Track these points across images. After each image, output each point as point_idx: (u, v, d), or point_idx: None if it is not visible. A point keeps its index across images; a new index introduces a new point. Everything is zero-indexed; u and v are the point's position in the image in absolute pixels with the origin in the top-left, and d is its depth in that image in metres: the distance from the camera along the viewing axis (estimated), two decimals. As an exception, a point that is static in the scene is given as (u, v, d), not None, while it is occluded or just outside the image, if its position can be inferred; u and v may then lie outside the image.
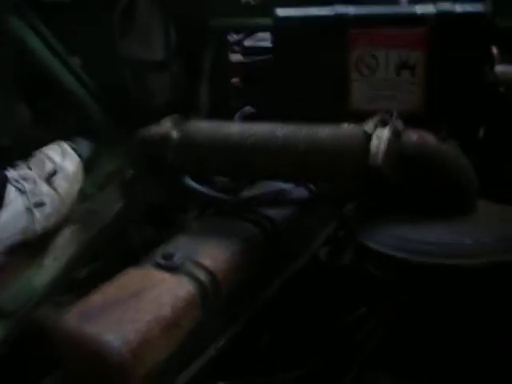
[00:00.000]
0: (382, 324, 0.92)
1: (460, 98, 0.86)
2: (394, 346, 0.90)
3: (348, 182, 0.86)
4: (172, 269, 0.83)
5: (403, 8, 0.89)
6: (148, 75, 1.25)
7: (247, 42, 1.30)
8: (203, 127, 0.96)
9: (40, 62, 1.22)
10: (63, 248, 1.09)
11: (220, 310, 0.85)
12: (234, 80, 1.29)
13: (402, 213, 0.84)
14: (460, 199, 0.82)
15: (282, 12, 0.93)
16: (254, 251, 0.92)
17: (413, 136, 0.82)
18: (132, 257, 1.08)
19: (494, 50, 0.88)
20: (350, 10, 0.89)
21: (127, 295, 0.78)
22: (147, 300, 0.77)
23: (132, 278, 0.83)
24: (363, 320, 0.96)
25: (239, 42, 1.34)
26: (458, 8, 0.84)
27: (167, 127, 0.98)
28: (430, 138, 0.81)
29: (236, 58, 1.32)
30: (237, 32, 1.25)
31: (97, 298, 0.79)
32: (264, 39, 1.31)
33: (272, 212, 1.00)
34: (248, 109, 1.11)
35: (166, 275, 0.82)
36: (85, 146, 1.17)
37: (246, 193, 1.04)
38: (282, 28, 0.93)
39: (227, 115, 1.19)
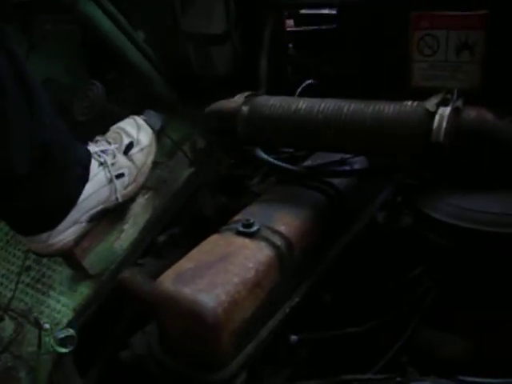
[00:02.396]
0: (435, 286, 1.00)
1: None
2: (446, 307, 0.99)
3: (410, 156, 0.93)
4: (251, 235, 0.92)
5: (464, -10, 0.94)
6: (209, 48, 1.32)
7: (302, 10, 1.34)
8: (272, 102, 1.03)
9: (107, 37, 1.30)
10: (140, 214, 1.20)
11: (293, 271, 0.95)
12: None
13: (460, 185, 0.91)
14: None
15: (346, -6, 0.99)
16: (321, 217, 1.01)
17: (472, 113, 0.88)
18: (205, 222, 1.19)
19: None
20: (413, -8, 0.95)
21: (216, 260, 0.87)
22: (234, 264, 0.86)
23: (217, 244, 0.92)
24: (418, 281, 1.04)
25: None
26: (517, -10, 0.89)
27: (238, 102, 1.06)
28: (488, 115, 0.88)
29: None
30: (302, 8, 1.29)
31: (189, 262, 0.88)
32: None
33: (335, 180, 1.08)
34: (309, 82, 1.17)
35: (247, 241, 0.91)
36: (156, 118, 1.25)
37: (309, 162, 1.12)
38: (348, 7, 0.98)
39: (286, 86, 1.25)
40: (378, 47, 0.99)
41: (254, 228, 0.93)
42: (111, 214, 1.17)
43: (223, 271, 0.86)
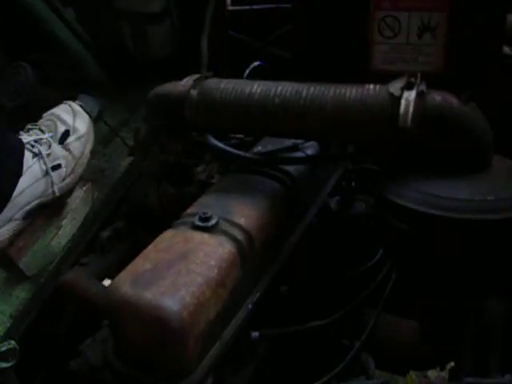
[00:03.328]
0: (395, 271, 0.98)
1: (480, 58, 0.90)
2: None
3: (373, 141, 0.89)
4: (210, 229, 0.86)
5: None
6: (146, 28, 1.24)
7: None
8: (223, 86, 0.96)
9: (34, 14, 1.19)
10: (79, 208, 1.11)
11: (254, 265, 0.90)
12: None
13: (425, 170, 0.89)
14: (479, 157, 0.88)
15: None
16: (277, 206, 0.97)
17: (437, 97, 0.85)
18: (150, 214, 1.11)
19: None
20: (374, -30, 0.91)
21: (175, 258, 0.81)
22: (195, 262, 0.80)
23: (174, 240, 0.85)
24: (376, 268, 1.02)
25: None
26: (479, -30, 0.87)
27: (186, 85, 0.99)
28: (453, 100, 0.86)
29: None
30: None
31: (145, 262, 0.81)
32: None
33: (290, 167, 1.04)
34: (256, 64, 1.11)
35: (206, 236, 0.85)
36: (92, 103, 1.16)
37: (260, 148, 1.07)
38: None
39: (228, 67, 1.19)
40: (335, 28, 0.95)
41: (212, 221, 0.87)
42: (48, 209, 1.07)
43: (185, 271, 0.79)
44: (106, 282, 1.05)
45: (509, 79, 1.00)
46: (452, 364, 0.98)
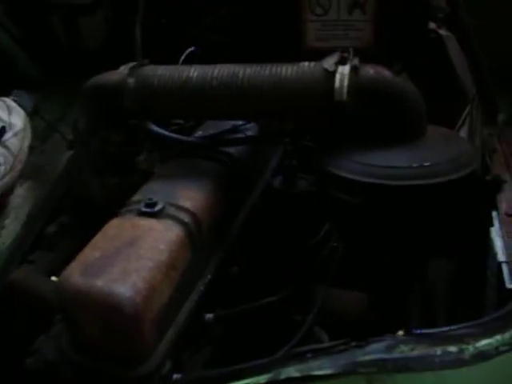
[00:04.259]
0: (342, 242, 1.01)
1: (408, 32, 0.93)
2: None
3: (311, 116, 0.91)
4: (156, 215, 0.87)
5: None
6: (78, 20, 1.22)
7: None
8: (160, 72, 0.96)
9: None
10: (21, 206, 1.08)
11: (203, 247, 0.91)
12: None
13: (362, 142, 0.92)
14: (414, 125, 0.91)
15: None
16: (222, 188, 0.97)
17: (370, 71, 0.88)
18: (94, 207, 1.10)
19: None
20: None
21: (123, 245, 0.81)
22: (144, 248, 0.81)
23: (121, 228, 0.85)
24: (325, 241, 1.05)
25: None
26: None
27: (122, 74, 0.98)
28: (385, 72, 0.88)
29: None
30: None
31: (94, 251, 0.81)
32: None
33: (230, 149, 1.05)
34: (191, 50, 1.11)
35: (153, 222, 0.86)
36: (26, 98, 1.13)
37: (201, 133, 1.07)
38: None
39: (163, 55, 1.19)
40: (267, 8, 0.96)
41: (158, 207, 0.87)
42: (-11, 209, 1.05)
43: (134, 256, 0.79)
44: (55, 279, 1.04)
45: (434, 53, 1.03)
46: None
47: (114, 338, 0.76)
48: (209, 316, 0.93)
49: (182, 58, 1.09)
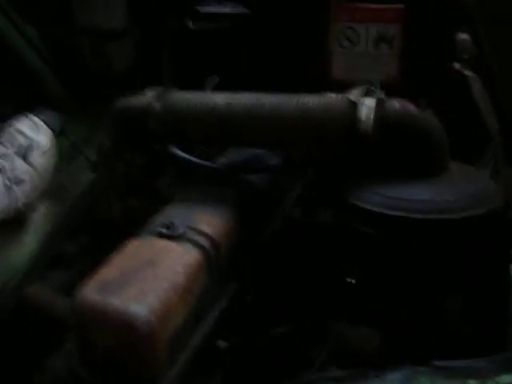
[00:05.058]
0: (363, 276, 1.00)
1: (434, 69, 0.94)
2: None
3: (335, 148, 0.92)
4: (175, 237, 0.87)
5: (382, -16, 0.95)
6: (107, 44, 1.24)
7: (203, 8, 1.29)
8: (187, 97, 0.98)
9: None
10: (41, 224, 1.09)
11: (219, 273, 0.90)
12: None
13: (386, 174, 0.92)
14: (437, 160, 0.91)
15: (263, -16, 0.97)
16: (241, 215, 0.98)
17: (395, 104, 0.89)
18: (114, 228, 1.11)
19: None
20: (331, -16, 0.95)
21: (142, 265, 0.81)
22: (162, 268, 0.80)
23: (139, 248, 0.85)
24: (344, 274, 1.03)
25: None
26: (433, -15, 0.92)
27: (148, 98, 1.00)
28: (411, 107, 0.89)
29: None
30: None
31: (111, 269, 0.81)
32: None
33: (252, 177, 1.05)
34: (217, 78, 1.13)
35: (172, 244, 0.86)
36: (54, 118, 1.15)
37: (224, 159, 1.08)
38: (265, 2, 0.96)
39: (190, 83, 1.21)
40: (295, 39, 0.98)
41: (178, 229, 0.87)
42: (9, 225, 1.06)
43: (152, 277, 0.79)
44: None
45: (458, 92, 1.04)
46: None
47: (127, 358, 0.75)
48: (222, 343, 0.92)
49: (208, 86, 1.10)
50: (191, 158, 0.99)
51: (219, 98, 0.95)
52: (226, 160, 1.07)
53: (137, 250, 0.85)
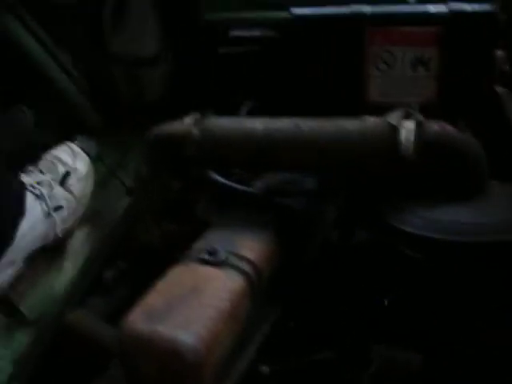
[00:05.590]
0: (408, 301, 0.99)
1: (471, 90, 0.94)
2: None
3: (374, 171, 0.92)
4: (218, 263, 0.87)
5: (417, 7, 0.95)
6: (141, 71, 1.26)
7: (234, 32, 1.30)
8: (224, 123, 0.99)
9: (30, 58, 1.21)
10: (79, 250, 1.10)
11: (262, 298, 0.90)
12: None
13: (426, 196, 0.91)
14: (477, 181, 0.90)
15: (298, 11, 0.97)
16: (280, 239, 0.98)
17: (434, 126, 0.89)
18: (152, 253, 1.11)
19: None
20: (366, 8, 0.95)
21: (186, 292, 0.81)
22: (207, 296, 0.81)
23: (183, 275, 0.86)
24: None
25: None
26: (468, 7, 0.92)
27: (187, 124, 1.01)
28: (450, 129, 0.89)
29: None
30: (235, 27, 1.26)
31: (156, 297, 0.81)
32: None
33: (289, 200, 1.05)
34: (251, 103, 1.13)
35: (215, 270, 0.86)
36: (90, 144, 1.16)
37: (260, 184, 1.09)
38: (299, 26, 0.97)
39: (224, 108, 1.21)
40: (332, 63, 0.98)
41: (220, 255, 0.88)
42: (49, 252, 1.07)
43: (197, 304, 0.80)
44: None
45: (497, 112, 1.03)
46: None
47: (175, 386, 0.76)
48: (265, 368, 0.92)
49: (243, 111, 1.11)
50: (230, 183, 0.99)
51: (256, 124, 0.96)
52: (263, 184, 1.07)
53: (180, 277, 0.85)
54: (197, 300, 0.80)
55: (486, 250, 0.85)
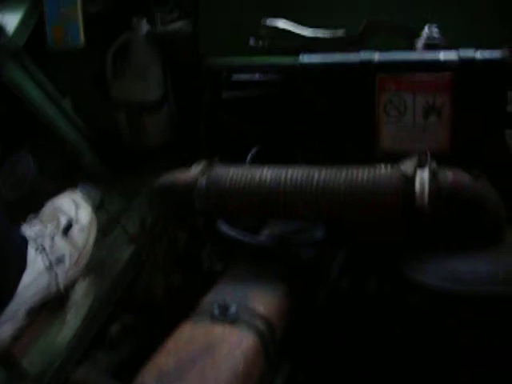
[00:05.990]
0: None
1: (484, 137, 0.93)
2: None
3: (387, 221, 0.90)
4: (230, 320, 0.84)
5: (426, 54, 0.95)
6: (143, 117, 1.24)
7: (236, 77, 1.29)
8: (232, 172, 0.96)
9: (33, 105, 1.19)
10: (82, 301, 1.07)
11: (275, 353, 0.87)
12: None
13: (441, 246, 0.89)
14: (494, 230, 0.89)
15: (306, 58, 0.96)
16: (292, 291, 0.95)
17: (449, 175, 0.87)
18: (157, 306, 1.08)
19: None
20: (375, 56, 0.94)
21: (199, 352, 0.78)
22: (221, 355, 0.78)
23: (194, 333, 0.82)
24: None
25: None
26: (479, 55, 0.91)
27: (193, 173, 0.99)
28: (464, 177, 0.87)
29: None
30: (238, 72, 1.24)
31: (168, 357, 0.78)
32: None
33: (300, 250, 1.03)
34: (258, 149, 1.12)
35: (227, 328, 0.83)
36: (93, 192, 1.14)
37: (268, 232, 1.06)
38: (307, 74, 0.96)
39: (228, 154, 1.20)
40: (342, 110, 0.97)
41: (232, 311, 0.85)
42: (51, 304, 1.03)
43: (210, 365, 0.76)
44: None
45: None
46: None
47: None
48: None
49: (249, 156, 1.09)
50: (238, 234, 0.96)
51: (265, 172, 0.94)
52: (271, 231, 1.05)
53: (192, 335, 0.82)
54: (209, 361, 0.77)
55: (503, 301, 0.83)
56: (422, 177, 0.85)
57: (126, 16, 1.19)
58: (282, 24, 1.07)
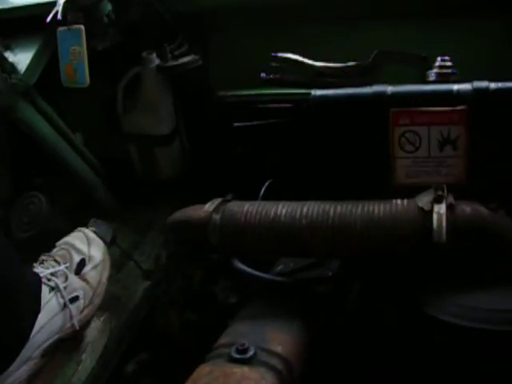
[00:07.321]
0: None
1: (501, 168, 0.91)
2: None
3: (406, 257, 0.88)
4: (248, 361, 0.83)
5: (440, 87, 0.94)
6: (155, 150, 1.24)
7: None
8: (246, 209, 0.95)
9: (45, 141, 1.20)
10: (97, 340, 1.06)
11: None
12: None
13: (460, 281, 0.88)
14: (513, 265, 0.87)
15: (319, 92, 0.96)
16: (309, 330, 0.94)
17: (466, 209, 0.86)
18: (172, 343, 1.07)
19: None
20: (388, 89, 0.93)
21: (218, 396, 0.77)
22: (240, 399, 0.77)
23: (212, 376, 0.81)
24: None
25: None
26: (493, 85, 0.90)
27: (207, 210, 0.98)
28: (482, 210, 0.86)
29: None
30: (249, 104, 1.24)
31: (187, 401, 0.77)
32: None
33: (316, 286, 1.02)
34: (270, 182, 1.11)
35: (246, 369, 0.81)
36: (105, 228, 1.13)
37: (281, 267, 1.05)
38: (319, 107, 0.95)
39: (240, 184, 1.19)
40: (356, 145, 0.96)
41: (250, 353, 0.83)
42: (66, 343, 1.02)
43: (231, 407, 0.75)
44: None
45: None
46: None
47: None
48: None
49: (263, 190, 1.08)
50: (254, 271, 0.95)
51: (280, 208, 0.93)
52: (285, 267, 1.04)
53: (210, 378, 0.81)
54: (229, 404, 0.76)
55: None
56: (439, 211, 0.84)
57: (135, 51, 1.19)
58: (294, 56, 1.06)
